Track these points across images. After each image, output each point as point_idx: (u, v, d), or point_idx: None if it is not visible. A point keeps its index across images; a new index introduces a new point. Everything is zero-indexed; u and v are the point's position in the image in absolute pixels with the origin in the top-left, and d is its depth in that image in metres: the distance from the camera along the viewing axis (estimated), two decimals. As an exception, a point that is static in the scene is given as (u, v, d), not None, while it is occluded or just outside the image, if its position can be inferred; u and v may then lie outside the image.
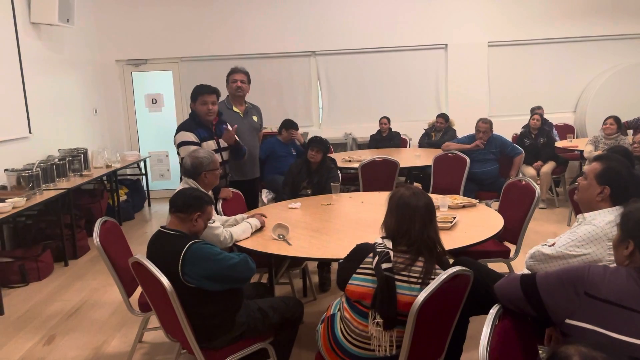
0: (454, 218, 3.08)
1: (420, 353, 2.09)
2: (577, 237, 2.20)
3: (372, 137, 7.05)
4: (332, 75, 7.79)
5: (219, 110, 3.92)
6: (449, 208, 3.41)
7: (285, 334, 2.63)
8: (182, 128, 3.74)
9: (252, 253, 2.71)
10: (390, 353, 2.10)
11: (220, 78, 4.56)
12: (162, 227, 2.45)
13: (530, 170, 6.22)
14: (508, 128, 6.89)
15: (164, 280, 2.20)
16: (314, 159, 4.31)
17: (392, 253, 2.10)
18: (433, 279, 2.01)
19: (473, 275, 2.10)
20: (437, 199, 3.11)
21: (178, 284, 2.24)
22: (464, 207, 3.47)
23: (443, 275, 1.99)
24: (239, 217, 3.25)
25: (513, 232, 3.39)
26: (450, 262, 2.36)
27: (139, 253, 2.40)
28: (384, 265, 2.06)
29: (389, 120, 6.91)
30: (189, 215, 2.41)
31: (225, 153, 3.92)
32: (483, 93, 7.73)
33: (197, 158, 3.07)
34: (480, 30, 7.59)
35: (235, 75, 4.30)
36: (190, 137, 3.65)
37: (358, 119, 7.78)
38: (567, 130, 7.34)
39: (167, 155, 7.82)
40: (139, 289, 2.82)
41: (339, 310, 2.26)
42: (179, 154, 3.69)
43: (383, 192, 3.84)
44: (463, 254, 2.80)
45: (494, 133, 5.56)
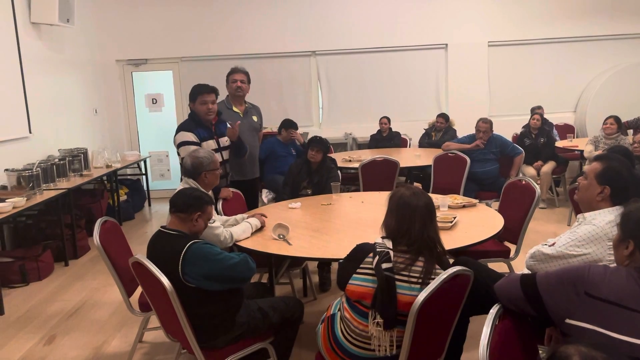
0: (454, 218, 3.08)
1: (421, 353, 2.09)
2: (577, 236, 2.20)
3: (372, 137, 7.05)
4: (332, 75, 7.79)
5: (219, 110, 3.92)
6: (449, 208, 3.41)
7: (286, 334, 2.64)
8: (181, 128, 3.74)
9: (252, 253, 2.71)
10: (391, 353, 2.10)
11: (220, 78, 4.56)
12: (162, 227, 2.45)
13: (531, 170, 6.21)
14: (508, 128, 6.89)
15: (164, 280, 2.20)
16: (314, 159, 4.31)
17: (392, 253, 2.10)
18: (433, 279, 2.01)
19: (473, 275, 2.10)
20: (437, 199, 3.11)
21: (178, 284, 2.24)
22: (464, 207, 3.47)
23: (443, 275, 1.99)
24: (239, 217, 3.25)
25: (513, 232, 3.39)
26: (450, 262, 2.36)
27: (139, 253, 2.40)
28: (384, 265, 2.06)
29: (389, 120, 6.91)
30: (189, 215, 2.42)
31: (226, 152, 3.92)
32: (483, 93, 7.73)
33: (197, 158, 3.07)
34: (481, 30, 7.59)
35: (235, 75, 4.31)
36: (190, 137, 3.66)
37: (358, 119, 7.78)
38: (567, 130, 7.34)
39: (167, 155, 7.82)
40: (139, 289, 2.82)
41: (339, 310, 2.26)
42: (179, 154, 3.69)
43: (383, 192, 3.83)
44: (463, 254, 2.79)
45: (494, 133, 5.55)
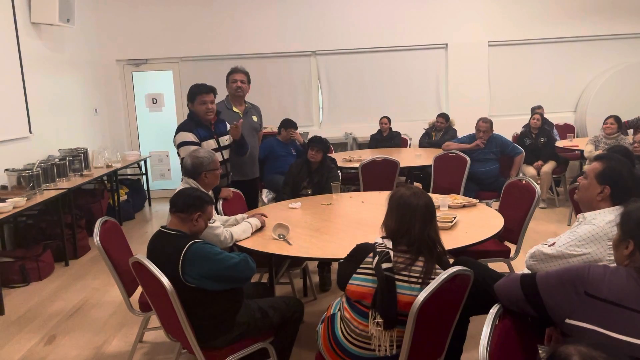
0: (454, 218, 3.08)
1: (421, 353, 2.09)
2: (577, 236, 2.20)
3: (372, 136, 7.05)
4: (332, 75, 7.79)
5: (217, 109, 3.92)
6: (449, 208, 3.41)
7: (286, 334, 2.63)
8: (181, 129, 3.75)
9: (252, 253, 2.71)
10: (391, 353, 2.10)
11: (220, 78, 4.56)
12: (162, 227, 2.45)
13: (531, 170, 6.21)
14: (508, 128, 6.89)
15: (164, 280, 2.20)
16: (314, 159, 4.31)
17: (392, 253, 2.10)
18: (433, 279, 2.01)
19: (473, 275, 2.10)
20: (437, 199, 3.11)
21: (178, 284, 2.24)
22: (464, 206, 3.47)
23: (443, 275, 1.99)
24: (239, 216, 3.26)
25: (513, 231, 3.39)
26: (451, 262, 2.36)
27: (140, 253, 2.40)
28: (384, 265, 2.06)
29: (390, 120, 6.91)
30: (190, 215, 2.42)
31: (226, 152, 3.92)
32: (483, 93, 7.73)
33: (197, 158, 3.07)
34: (481, 30, 7.59)
35: (235, 75, 4.31)
36: (190, 137, 3.66)
37: (358, 119, 7.78)
38: (567, 130, 7.34)
39: (167, 155, 7.83)
40: (140, 289, 2.82)
41: (339, 310, 2.26)
42: (179, 155, 3.69)
43: (383, 191, 3.83)
44: (463, 254, 2.79)
45: (494, 133, 5.55)
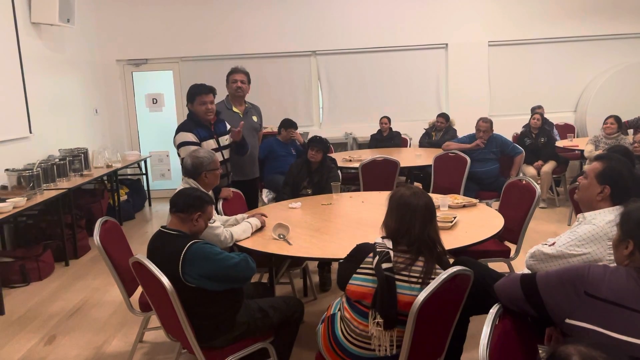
0: (454, 218, 3.08)
1: (421, 353, 2.09)
2: (577, 236, 2.20)
3: (372, 136, 7.05)
4: (332, 75, 7.79)
5: (217, 109, 3.92)
6: (449, 208, 3.41)
7: (286, 334, 2.63)
8: (181, 129, 3.75)
9: (252, 253, 2.71)
10: (391, 353, 2.10)
11: (220, 78, 4.56)
12: (162, 227, 2.46)
13: (531, 170, 6.21)
14: (508, 127, 6.88)
15: (165, 280, 2.21)
16: (314, 159, 4.31)
17: (392, 253, 2.10)
18: (433, 279, 2.01)
19: (473, 275, 2.10)
20: (437, 199, 3.11)
21: (178, 284, 2.24)
22: (465, 206, 3.47)
23: (443, 275, 1.99)
24: (240, 216, 3.26)
25: (513, 231, 3.39)
26: (451, 261, 2.36)
27: (140, 253, 2.40)
28: (384, 265, 2.06)
29: (390, 120, 6.91)
30: (190, 215, 2.42)
31: (226, 151, 3.92)
32: (483, 92, 7.72)
33: (197, 158, 3.07)
34: (481, 30, 7.59)
35: (235, 75, 4.30)
36: (190, 137, 3.66)
37: (358, 119, 7.78)
38: (567, 130, 7.34)
39: (167, 155, 7.83)
40: (140, 289, 2.82)
41: (339, 310, 2.26)
42: (179, 155, 3.69)
43: (383, 191, 3.83)
44: (463, 254, 2.79)
45: (495, 132, 5.55)
